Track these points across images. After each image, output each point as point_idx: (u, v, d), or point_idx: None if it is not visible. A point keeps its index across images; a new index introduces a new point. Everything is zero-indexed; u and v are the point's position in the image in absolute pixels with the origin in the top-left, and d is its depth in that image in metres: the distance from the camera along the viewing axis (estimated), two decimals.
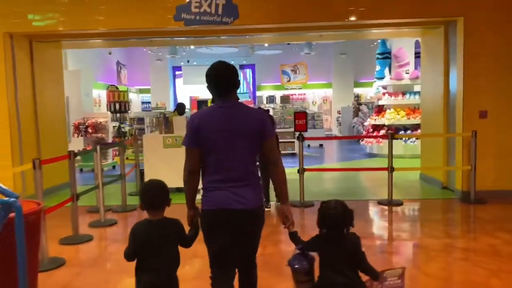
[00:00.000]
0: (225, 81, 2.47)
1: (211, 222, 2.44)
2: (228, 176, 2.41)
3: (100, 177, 5.67)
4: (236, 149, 2.42)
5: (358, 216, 5.74)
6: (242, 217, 2.40)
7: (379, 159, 11.48)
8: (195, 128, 2.43)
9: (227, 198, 2.38)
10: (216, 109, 2.48)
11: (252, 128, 2.44)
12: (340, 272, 2.24)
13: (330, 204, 2.35)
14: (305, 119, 6.27)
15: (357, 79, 20.57)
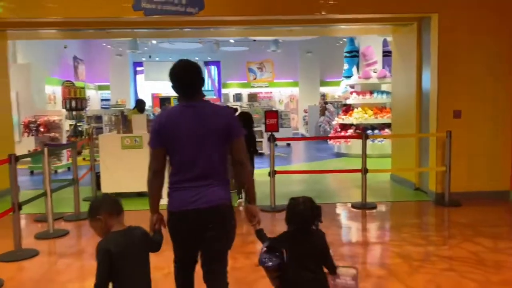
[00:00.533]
0: (189, 80, 2.42)
1: (176, 222, 2.40)
2: (193, 176, 2.37)
3: (48, 182, 5.04)
4: (202, 149, 2.38)
5: (332, 221, 5.45)
6: (207, 216, 2.35)
7: (347, 159, 11.30)
8: (159, 128, 2.40)
9: (191, 198, 2.35)
10: (181, 109, 2.44)
11: (218, 127, 2.40)
12: (308, 268, 2.26)
13: (298, 200, 2.35)
14: (277, 119, 5.87)
15: (323, 78, 20.48)
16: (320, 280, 2.30)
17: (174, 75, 2.43)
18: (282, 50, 18.80)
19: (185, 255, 2.53)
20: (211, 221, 2.37)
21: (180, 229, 2.40)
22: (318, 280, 2.29)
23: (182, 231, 2.41)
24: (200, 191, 2.36)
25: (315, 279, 2.27)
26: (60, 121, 10.22)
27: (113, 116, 12.01)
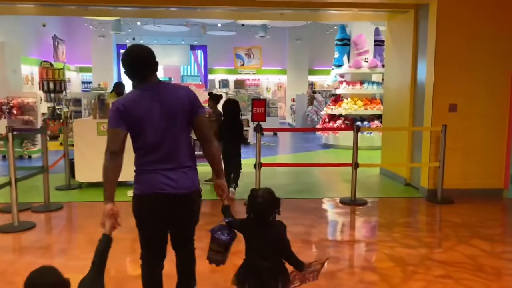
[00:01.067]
0: (145, 62, 2.37)
1: (143, 207, 2.37)
2: (160, 159, 2.33)
3: (13, 170, 4.60)
4: (166, 130, 2.33)
5: (319, 217, 5.12)
6: (175, 201, 2.34)
7: (335, 151, 11.02)
8: (124, 110, 2.30)
9: (159, 182, 2.31)
10: (140, 93, 2.37)
11: (180, 106, 2.36)
12: (264, 256, 2.32)
13: (258, 193, 2.39)
14: (264, 108, 5.50)
15: (312, 66, 20.10)
16: (276, 269, 2.36)
17: (130, 57, 2.37)
18: (271, 36, 18.31)
19: (154, 241, 2.47)
20: (185, 205, 2.39)
21: (152, 213, 2.36)
22: (273, 269, 2.34)
23: (154, 214, 2.36)
24: (168, 175, 2.32)
25: (271, 268, 2.33)
26: (34, 104, 9.65)
27: (92, 99, 11.47)
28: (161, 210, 2.35)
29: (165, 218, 2.40)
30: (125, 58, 2.38)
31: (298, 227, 4.76)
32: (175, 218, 2.43)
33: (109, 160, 2.26)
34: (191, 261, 2.66)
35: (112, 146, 2.27)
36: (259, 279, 2.33)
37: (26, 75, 15.04)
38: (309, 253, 4.00)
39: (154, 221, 2.39)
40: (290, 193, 6.38)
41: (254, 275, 2.35)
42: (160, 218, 2.39)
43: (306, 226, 4.81)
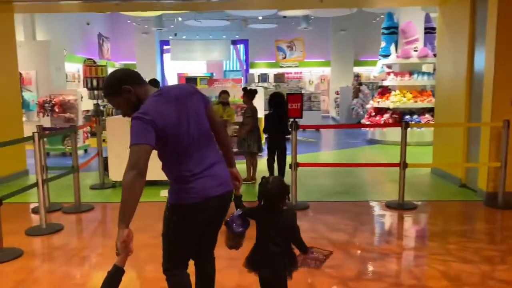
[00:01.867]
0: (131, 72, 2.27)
1: (189, 215, 2.21)
2: (202, 161, 2.22)
3: (39, 171, 4.47)
4: (197, 128, 2.23)
5: (362, 224, 4.62)
6: (224, 201, 2.31)
7: (381, 147, 10.36)
8: (152, 121, 2.05)
9: (209, 186, 2.21)
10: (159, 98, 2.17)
11: (197, 102, 2.28)
12: (274, 241, 2.37)
13: (268, 180, 2.46)
14: (301, 103, 5.05)
15: (357, 57, 19.27)
16: (285, 254, 2.42)
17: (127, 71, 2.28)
18: (313, 27, 17.70)
19: (191, 251, 2.37)
20: (228, 203, 2.35)
21: (200, 220, 2.25)
22: (282, 254, 2.40)
23: (200, 222, 2.26)
24: (213, 174, 2.24)
25: (280, 253, 2.39)
26: (75, 101, 9.76)
27: None
28: (209, 215, 2.28)
29: (208, 223, 2.33)
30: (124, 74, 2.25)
31: (337, 234, 4.31)
32: (216, 221, 2.38)
33: (136, 181, 1.97)
34: (214, 271, 2.56)
35: (140, 163, 1.99)
36: (269, 263, 2.40)
37: (73, 73, 15.41)
38: (351, 267, 3.55)
39: (198, 229, 2.29)
40: (330, 195, 5.92)
41: (265, 260, 2.41)
42: (204, 225, 2.31)
43: (346, 234, 4.35)
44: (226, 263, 3.25)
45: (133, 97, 2.17)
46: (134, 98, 2.18)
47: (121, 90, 2.15)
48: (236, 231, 2.39)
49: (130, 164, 1.99)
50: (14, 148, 4.67)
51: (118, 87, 2.16)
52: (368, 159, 9.21)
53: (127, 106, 2.20)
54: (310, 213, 5.09)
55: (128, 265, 2.03)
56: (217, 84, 10.75)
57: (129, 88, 2.16)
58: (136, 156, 1.99)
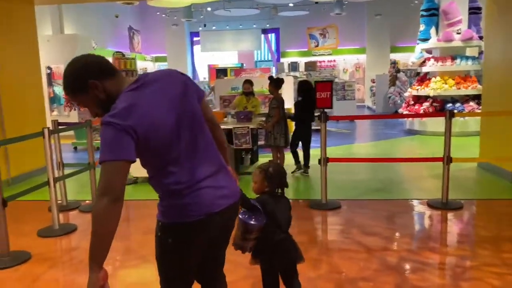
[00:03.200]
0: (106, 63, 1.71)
1: (187, 236, 1.73)
2: (199, 170, 1.72)
3: (51, 169, 4.22)
4: (191, 129, 1.73)
5: (400, 226, 4.08)
6: (228, 214, 1.82)
7: (421, 138, 9.66)
8: (129, 127, 1.55)
9: (211, 198, 1.73)
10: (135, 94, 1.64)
11: (189, 94, 1.77)
12: (282, 228, 2.37)
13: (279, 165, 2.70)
14: (330, 91, 4.56)
15: (394, 43, 18.34)
16: (292, 239, 2.43)
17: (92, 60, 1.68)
18: (347, 13, 16.90)
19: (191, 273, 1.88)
20: (234, 215, 1.92)
21: (201, 239, 1.78)
22: (290, 240, 2.42)
23: (203, 241, 1.79)
24: (215, 184, 1.76)
25: (287, 238, 2.40)
26: None
27: None
28: (212, 235, 1.80)
29: (214, 244, 1.87)
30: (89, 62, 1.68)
31: (372, 239, 3.82)
32: (222, 241, 1.94)
33: (110, 210, 1.51)
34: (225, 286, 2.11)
35: (116, 186, 1.53)
36: (282, 249, 2.37)
37: None
38: (387, 279, 3.07)
39: (200, 252, 1.83)
40: (365, 193, 5.39)
41: (277, 247, 2.36)
42: (209, 246, 1.84)
43: (382, 238, 3.86)
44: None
45: (101, 93, 1.66)
46: (102, 95, 1.66)
47: (86, 86, 1.63)
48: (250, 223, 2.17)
49: (102, 188, 1.51)
50: (36, 143, 4.49)
51: (82, 82, 1.63)
52: (407, 151, 8.58)
53: (95, 105, 1.69)
54: (341, 213, 4.61)
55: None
56: (245, 74, 10.35)
57: (96, 83, 1.64)
58: (109, 178, 1.51)
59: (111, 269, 3.29)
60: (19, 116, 6.39)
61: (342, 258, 3.43)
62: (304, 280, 3.00)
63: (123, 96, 1.64)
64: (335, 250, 3.62)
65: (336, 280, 3.08)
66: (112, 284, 3.01)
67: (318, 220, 4.47)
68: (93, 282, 1.52)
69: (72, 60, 1.68)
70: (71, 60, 1.69)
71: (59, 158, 5.07)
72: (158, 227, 1.78)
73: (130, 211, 5.15)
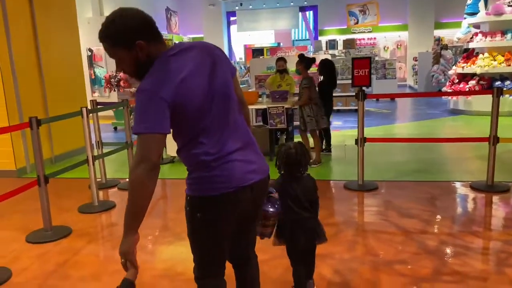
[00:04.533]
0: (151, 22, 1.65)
1: (219, 210, 1.70)
2: (229, 142, 1.69)
3: (89, 148, 4.33)
4: (223, 101, 1.69)
5: (442, 210, 3.89)
6: (262, 190, 1.83)
7: (465, 118, 9.23)
8: (165, 98, 1.53)
9: (241, 171, 1.69)
10: (173, 59, 1.62)
11: (225, 66, 1.74)
12: (303, 206, 2.33)
13: (289, 145, 2.39)
14: (369, 69, 4.37)
15: (438, 19, 17.44)
16: (314, 218, 2.39)
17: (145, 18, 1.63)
18: None
19: (223, 255, 1.85)
20: (264, 192, 1.89)
21: (232, 214, 1.74)
22: (312, 218, 2.37)
23: (234, 216, 1.75)
24: (245, 159, 1.73)
25: (310, 217, 2.36)
26: None
27: None
28: (242, 209, 1.76)
29: (244, 218, 1.83)
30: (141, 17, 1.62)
31: (411, 221, 3.69)
32: (252, 216, 1.90)
33: (147, 177, 1.52)
34: (258, 272, 2.08)
35: (154, 155, 1.53)
36: (301, 229, 2.34)
37: None
38: (426, 263, 2.95)
39: (231, 227, 1.79)
40: (404, 174, 5.20)
41: (295, 228, 2.34)
42: (239, 220, 1.80)
43: (422, 221, 3.71)
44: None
45: (144, 56, 1.61)
46: (144, 58, 1.61)
47: (133, 44, 1.58)
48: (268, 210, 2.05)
49: (138, 156, 1.52)
50: (78, 123, 4.63)
51: (129, 40, 1.57)
52: (450, 132, 8.22)
53: (132, 64, 1.63)
54: (378, 195, 4.48)
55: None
56: (280, 53, 10.17)
57: (143, 45, 1.59)
58: (144, 148, 1.52)
59: (146, 244, 3.36)
60: (61, 96, 6.59)
61: (378, 240, 3.34)
62: (338, 262, 2.97)
63: (160, 61, 1.60)
64: (371, 232, 3.52)
65: (372, 262, 2.99)
66: (147, 259, 3.08)
67: (354, 202, 4.36)
68: (128, 244, 1.59)
69: (126, 12, 1.60)
70: (124, 9, 1.61)
71: (98, 137, 5.19)
72: (187, 202, 1.76)
73: (167, 189, 5.24)
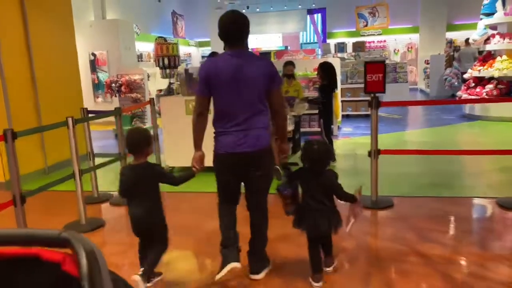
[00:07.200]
0: (233, 30, 2.60)
1: (220, 163, 2.73)
2: (236, 121, 2.62)
3: (76, 160, 3.95)
4: (242, 96, 2.59)
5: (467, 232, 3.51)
6: (247, 158, 2.63)
7: (483, 124, 8.73)
8: (204, 76, 2.64)
9: (236, 142, 2.62)
10: (225, 58, 2.63)
11: (258, 77, 2.59)
12: (318, 200, 2.64)
13: (313, 142, 2.71)
14: (383, 74, 3.95)
15: (451, 21, 16.93)
16: (328, 211, 2.66)
17: (222, 24, 2.60)
18: None
19: (227, 192, 2.81)
20: (253, 163, 2.66)
21: (225, 169, 2.72)
22: (326, 211, 2.65)
23: (226, 171, 2.73)
24: (243, 135, 2.61)
25: (323, 209, 2.64)
26: (141, 81, 9.43)
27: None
28: (232, 165, 2.68)
29: (236, 171, 2.72)
30: (221, 22, 2.60)
31: (432, 247, 3.23)
32: (244, 172, 2.70)
33: (196, 119, 2.70)
34: (260, 217, 2.83)
35: (198, 109, 2.68)
36: (312, 220, 2.64)
37: (148, 52, 15.39)
38: None
39: (226, 174, 2.74)
40: (421, 188, 4.74)
41: (308, 217, 2.66)
42: (231, 172, 2.72)
43: (444, 246, 3.27)
44: None
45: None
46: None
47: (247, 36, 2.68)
48: (283, 192, 2.73)
49: (194, 107, 2.75)
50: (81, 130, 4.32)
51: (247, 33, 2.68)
52: (467, 140, 7.74)
53: None
54: (394, 213, 4.03)
55: None
56: (287, 57, 9.77)
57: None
58: (195, 103, 2.72)
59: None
60: (56, 103, 6.25)
61: (396, 272, 2.90)
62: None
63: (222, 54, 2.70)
64: (388, 260, 3.08)
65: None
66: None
67: (367, 221, 3.91)
68: (194, 156, 2.74)
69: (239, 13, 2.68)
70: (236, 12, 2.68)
71: (89, 148, 4.82)
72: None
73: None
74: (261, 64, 2.60)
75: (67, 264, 0.81)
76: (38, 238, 0.83)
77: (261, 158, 2.64)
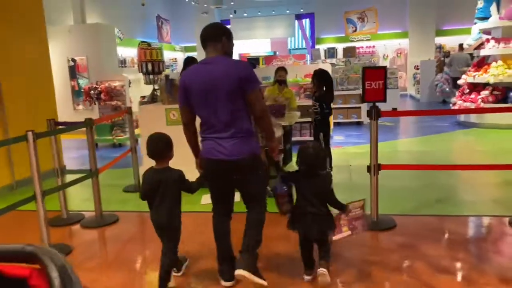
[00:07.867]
0: (207, 37, 2.70)
1: (205, 168, 2.81)
2: (214, 129, 2.67)
3: (37, 180, 3.46)
4: (216, 106, 2.62)
5: (481, 257, 3.09)
6: (225, 166, 2.67)
7: (478, 131, 8.43)
8: (181, 86, 2.72)
9: (212, 149, 2.68)
10: (198, 67, 2.74)
11: (230, 84, 2.58)
12: (311, 203, 2.67)
13: (308, 145, 2.77)
14: (383, 80, 3.55)
15: (440, 26, 16.76)
16: (321, 215, 2.69)
17: (201, 32, 2.73)
18: None
19: (218, 197, 2.89)
20: (233, 170, 2.69)
21: (209, 172, 2.79)
22: (319, 214, 2.68)
23: (210, 174, 2.80)
24: (222, 142, 2.64)
25: (316, 213, 2.67)
26: (122, 88, 8.93)
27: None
28: (216, 172, 2.75)
29: (222, 178, 2.77)
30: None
31: (447, 282, 2.81)
32: (231, 180, 2.76)
33: (184, 129, 2.82)
34: (254, 220, 2.79)
35: (183, 119, 2.79)
36: (304, 222, 2.71)
37: (132, 58, 14.86)
38: None
39: (213, 180, 2.82)
40: (424, 205, 4.33)
41: (301, 219, 2.74)
42: (217, 178, 2.79)
43: (461, 281, 2.86)
44: None
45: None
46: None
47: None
48: (278, 191, 2.81)
49: None
50: (43, 142, 3.81)
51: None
52: (464, 149, 7.42)
53: None
54: (398, 236, 3.59)
55: None
56: (276, 62, 9.38)
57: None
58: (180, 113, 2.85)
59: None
60: (26, 112, 5.74)
61: None
62: None
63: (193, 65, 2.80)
64: None
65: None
66: None
67: (368, 246, 3.47)
68: (196, 163, 2.93)
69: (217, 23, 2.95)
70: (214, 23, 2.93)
71: (57, 163, 4.33)
72: None
73: (137, 226, 4.35)
74: (231, 70, 2.58)
75: (34, 278, 0.79)
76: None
77: (241, 166, 2.66)
